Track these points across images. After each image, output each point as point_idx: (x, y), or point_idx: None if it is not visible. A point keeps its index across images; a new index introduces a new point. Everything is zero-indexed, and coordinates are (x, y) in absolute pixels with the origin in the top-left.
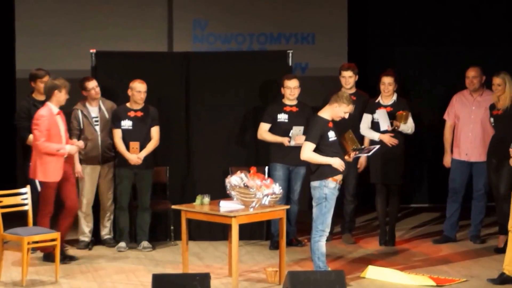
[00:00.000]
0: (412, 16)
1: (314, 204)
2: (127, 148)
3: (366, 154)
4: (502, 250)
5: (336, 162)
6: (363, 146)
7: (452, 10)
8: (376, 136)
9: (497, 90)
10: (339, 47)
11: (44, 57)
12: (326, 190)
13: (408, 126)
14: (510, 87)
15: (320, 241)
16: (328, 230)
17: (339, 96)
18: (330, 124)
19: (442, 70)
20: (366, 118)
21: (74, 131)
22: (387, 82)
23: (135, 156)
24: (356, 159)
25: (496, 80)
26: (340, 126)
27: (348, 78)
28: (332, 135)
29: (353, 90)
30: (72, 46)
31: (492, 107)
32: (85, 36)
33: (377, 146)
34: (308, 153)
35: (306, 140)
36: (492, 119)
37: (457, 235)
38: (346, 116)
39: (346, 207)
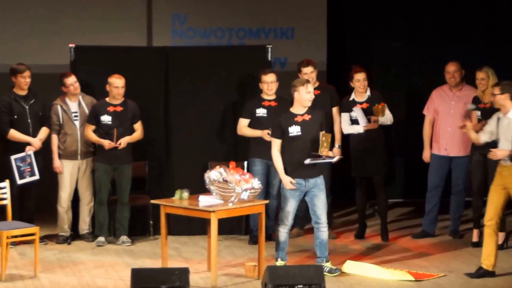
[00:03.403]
0: (391, 10)
1: None
2: (111, 137)
3: (319, 161)
4: (478, 244)
5: (285, 183)
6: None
7: (431, 4)
8: (360, 128)
9: (481, 84)
10: (318, 41)
11: (22, 51)
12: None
13: (386, 118)
14: (494, 81)
15: (279, 231)
16: (287, 221)
17: (292, 85)
18: (298, 118)
19: (421, 64)
20: (345, 117)
21: (54, 126)
22: (362, 79)
23: (107, 141)
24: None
25: (480, 75)
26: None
27: (310, 74)
28: (294, 130)
29: (316, 84)
30: (51, 40)
31: (476, 100)
32: (64, 30)
33: (333, 159)
34: (274, 151)
35: (272, 136)
36: (478, 112)
37: (436, 230)
38: (311, 95)
39: None
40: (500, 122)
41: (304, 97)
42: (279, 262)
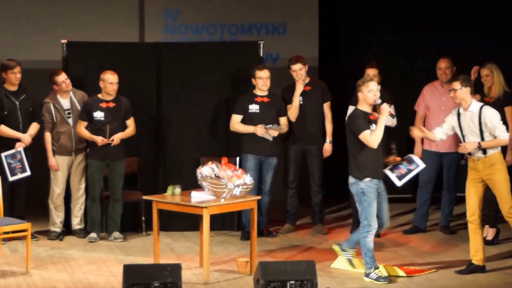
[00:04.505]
0: (383, 4)
1: (355, 200)
2: (104, 133)
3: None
4: (489, 242)
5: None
6: (401, 162)
7: None
8: None
9: (486, 81)
10: (311, 37)
11: (14, 47)
12: (362, 185)
13: (388, 119)
14: (498, 76)
15: (367, 237)
16: (374, 224)
17: (357, 84)
18: (371, 117)
19: (414, 59)
20: (351, 110)
21: (47, 124)
22: (372, 74)
23: (99, 138)
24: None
25: (484, 72)
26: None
27: (299, 71)
28: (372, 128)
29: (307, 80)
30: (43, 36)
31: (482, 95)
32: (56, 26)
33: (420, 167)
34: (370, 137)
35: (362, 130)
36: None
37: (427, 225)
38: (376, 94)
39: (314, 198)
40: (462, 118)
41: (367, 95)
42: (378, 271)
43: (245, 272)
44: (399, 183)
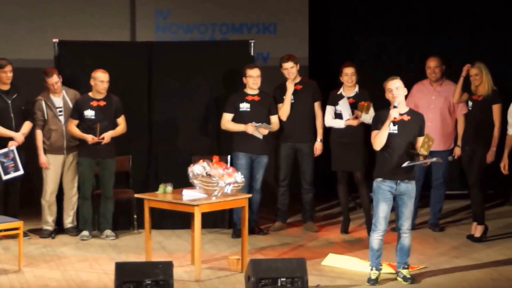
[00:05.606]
0: (373, 5)
1: None
2: (95, 132)
3: (417, 162)
4: (477, 239)
5: (394, 114)
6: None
7: None
8: (341, 123)
9: (475, 80)
10: (301, 36)
11: (6, 46)
12: (374, 183)
13: (370, 116)
14: (487, 75)
15: (371, 236)
16: (379, 226)
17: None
18: (395, 119)
19: (403, 60)
20: (330, 110)
21: (39, 122)
22: (350, 73)
23: (90, 136)
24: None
25: (473, 71)
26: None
27: (290, 69)
28: (391, 128)
29: (298, 79)
30: (34, 35)
31: (470, 93)
32: (47, 24)
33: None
34: (372, 139)
35: (372, 130)
36: (470, 103)
37: (416, 223)
38: (395, 92)
39: (305, 196)
40: None
41: (387, 94)
42: (374, 273)
43: (236, 269)
44: (404, 164)
